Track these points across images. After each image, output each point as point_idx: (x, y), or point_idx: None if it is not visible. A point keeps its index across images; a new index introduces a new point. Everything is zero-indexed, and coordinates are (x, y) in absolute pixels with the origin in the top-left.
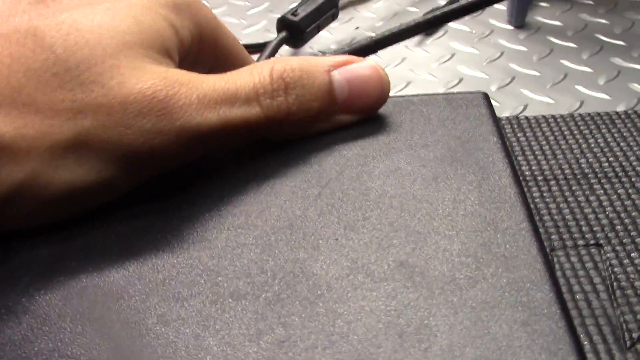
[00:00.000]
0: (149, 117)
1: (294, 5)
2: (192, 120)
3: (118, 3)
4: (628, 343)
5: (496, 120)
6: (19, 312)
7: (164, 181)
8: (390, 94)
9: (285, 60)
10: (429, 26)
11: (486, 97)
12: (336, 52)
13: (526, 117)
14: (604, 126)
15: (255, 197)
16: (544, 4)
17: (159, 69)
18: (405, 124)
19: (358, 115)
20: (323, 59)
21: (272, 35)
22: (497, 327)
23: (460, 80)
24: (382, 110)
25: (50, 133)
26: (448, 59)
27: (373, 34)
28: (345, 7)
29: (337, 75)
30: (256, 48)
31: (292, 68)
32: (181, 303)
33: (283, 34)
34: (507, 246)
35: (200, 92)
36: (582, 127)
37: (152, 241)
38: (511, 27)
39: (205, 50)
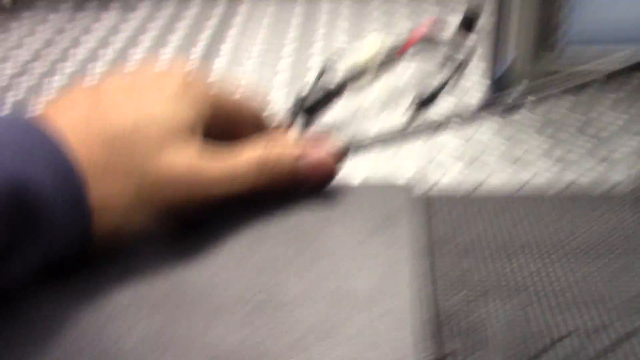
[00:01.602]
0: (186, 182)
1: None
2: (214, 191)
3: (155, 94)
4: None
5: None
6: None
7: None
8: None
9: (268, 149)
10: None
11: (407, 190)
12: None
13: None
14: None
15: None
16: None
17: (192, 147)
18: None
19: (314, 188)
20: (294, 150)
21: None
22: None
23: None
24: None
25: (123, 191)
26: None
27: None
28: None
29: (302, 162)
30: None
31: (270, 160)
32: None
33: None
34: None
35: (217, 173)
36: None
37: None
38: None
39: (220, 114)
